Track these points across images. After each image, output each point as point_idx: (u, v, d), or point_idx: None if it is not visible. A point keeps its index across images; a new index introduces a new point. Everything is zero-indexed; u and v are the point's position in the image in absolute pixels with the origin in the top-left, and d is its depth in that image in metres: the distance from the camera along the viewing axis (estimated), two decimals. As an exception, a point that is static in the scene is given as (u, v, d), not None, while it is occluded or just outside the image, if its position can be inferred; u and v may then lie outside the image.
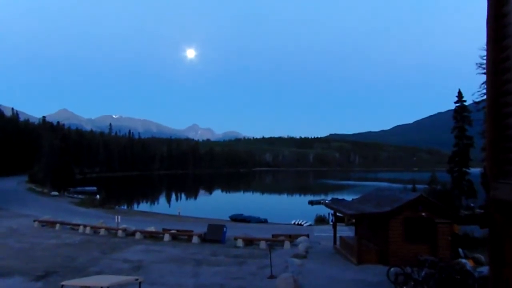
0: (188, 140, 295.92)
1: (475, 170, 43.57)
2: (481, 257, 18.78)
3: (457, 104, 45.59)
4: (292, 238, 27.22)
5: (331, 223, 30.16)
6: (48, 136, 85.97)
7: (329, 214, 42.35)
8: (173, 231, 29.03)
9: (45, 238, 26.50)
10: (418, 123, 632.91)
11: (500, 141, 6.41)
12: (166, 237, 27.81)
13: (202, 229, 28.76)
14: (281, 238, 27.22)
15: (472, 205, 43.28)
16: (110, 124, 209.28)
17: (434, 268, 14.81)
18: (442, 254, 17.42)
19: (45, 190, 70.67)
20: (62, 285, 9.05)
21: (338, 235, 23.94)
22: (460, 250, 17.75)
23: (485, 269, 14.05)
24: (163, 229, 29.69)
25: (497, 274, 6.76)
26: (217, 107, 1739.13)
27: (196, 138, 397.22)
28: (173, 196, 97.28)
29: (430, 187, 44.80)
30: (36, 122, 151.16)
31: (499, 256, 6.69)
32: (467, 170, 44.74)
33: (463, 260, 15.96)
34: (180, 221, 41.69)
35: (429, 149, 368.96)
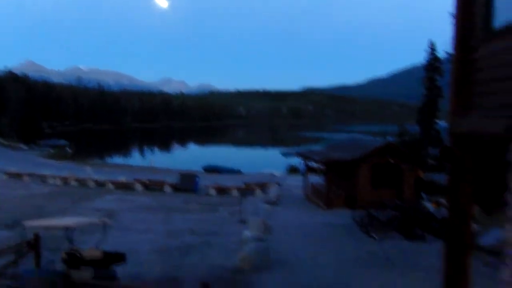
0: (161, 93, 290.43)
1: (443, 124, 44.44)
2: (443, 201, 19.58)
3: (429, 56, 45.87)
4: (264, 186, 27.67)
5: (303, 172, 30.72)
6: (13, 87, 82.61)
7: (301, 164, 43.06)
8: (145, 181, 29.01)
9: (14, 189, 26.06)
10: (392, 76, 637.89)
11: (466, 76, 6.46)
12: (138, 187, 27.82)
13: (175, 179, 28.83)
14: (253, 186, 27.62)
15: (438, 155, 44.54)
16: (80, 76, 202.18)
17: (399, 210, 15.40)
18: (407, 197, 18.10)
19: (13, 144, 68.83)
20: (25, 226, 8.96)
21: (309, 183, 24.45)
22: (423, 194, 18.46)
23: (444, 211, 14.64)
24: (135, 179, 29.61)
25: (455, 205, 7.03)
26: (190, 60, 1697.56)
27: (169, 91, 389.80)
28: (146, 149, 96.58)
29: (400, 138, 45.78)
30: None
31: (457, 187, 6.93)
32: (436, 121, 45.71)
33: (426, 203, 16.63)
34: (153, 172, 41.59)
35: (402, 103, 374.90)
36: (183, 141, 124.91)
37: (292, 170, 46.84)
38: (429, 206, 16.49)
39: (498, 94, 5.37)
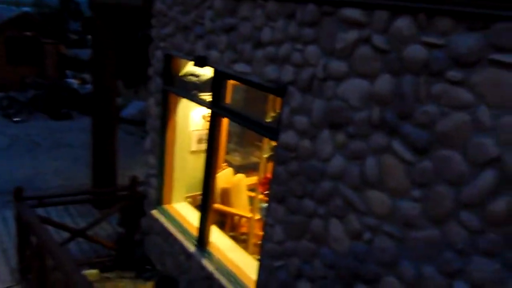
0: None
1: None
2: (87, 77, 19.57)
3: None
4: None
5: None
6: None
7: None
8: None
9: None
10: None
11: None
12: None
13: None
14: None
15: (80, 29, 43.20)
16: None
17: (42, 89, 14.38)
18: (50, 75, 17.00)
19: None
20: None
21: None
22: (67, 71, 17.78)
23: (89, 87, 14.69)
24: None
25: (99, 80, 7.01)
26: None
27: None
28: None
29: (37, 9, 41.31)
30: None
31: (101, 61, 6.86)
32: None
33: (70, 80, 16.18)
34: None
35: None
36: None
37: None
38: (74, 83, 16.14)
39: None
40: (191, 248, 4.68)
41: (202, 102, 4.53)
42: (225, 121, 4.67)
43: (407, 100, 2.37)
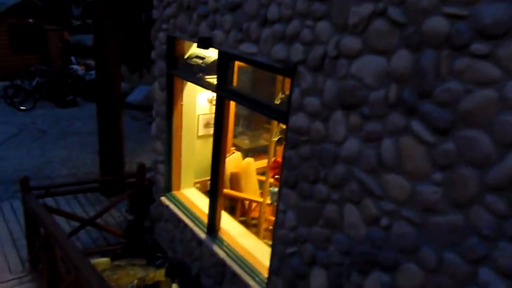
0: None
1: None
2: (92, 63, 19.41)
3: None
4: None
5: None
6: None
7: None
8: None
9: None
10: None
11: None
12: None
13: None
14: None
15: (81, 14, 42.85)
16: None
17: (46, 77, 14.28)
18: (54, 62, 16.89)
19: None
20: None
21: None
22: (72, 57, 17.63)
23: (94, 73, 14.59)
24: None
25: (102, 65, 6.88)
26: None
27: None
28: None
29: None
30: None
31: (103, 46, 6.72)
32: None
33: (75, 66, 16.03)
34: None
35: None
36: None
37: None
38: (78, 69, 16.00)
39: None
40: (202, 234, 4.60)
41: (208, 85, 4.39)
42: (232, 104, 4.53)
43: (427, 77, 2.22)
